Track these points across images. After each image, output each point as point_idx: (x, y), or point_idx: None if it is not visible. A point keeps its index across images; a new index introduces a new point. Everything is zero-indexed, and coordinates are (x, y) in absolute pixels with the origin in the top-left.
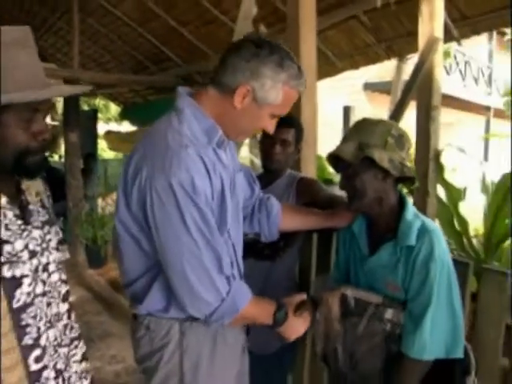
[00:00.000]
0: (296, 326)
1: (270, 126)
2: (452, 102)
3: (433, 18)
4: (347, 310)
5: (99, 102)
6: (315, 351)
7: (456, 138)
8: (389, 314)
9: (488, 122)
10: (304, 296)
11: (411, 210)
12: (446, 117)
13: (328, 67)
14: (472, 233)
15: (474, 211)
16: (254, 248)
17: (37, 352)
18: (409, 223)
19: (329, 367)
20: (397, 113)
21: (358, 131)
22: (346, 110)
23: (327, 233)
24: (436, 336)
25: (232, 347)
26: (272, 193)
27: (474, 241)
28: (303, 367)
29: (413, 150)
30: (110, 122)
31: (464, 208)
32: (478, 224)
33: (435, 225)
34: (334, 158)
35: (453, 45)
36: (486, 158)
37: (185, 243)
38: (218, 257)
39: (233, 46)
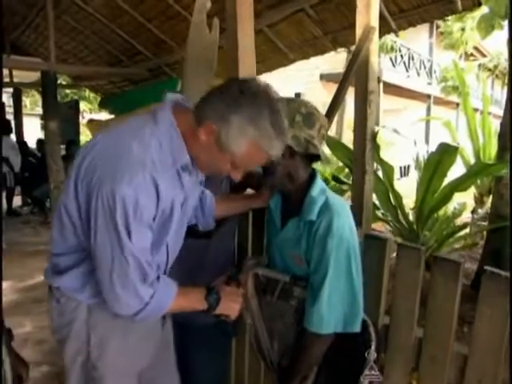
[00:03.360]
0: (231, 304)
1: (234, 174)
2: (398, 90)
3: (369, 9)
4: (261, 288)
5: (88, 93)
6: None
7: (403, 122)
8: (296, 291)
9: (429, 108)
10: (224, 277)
11: (318, 186)
12: (393, 104)
13: (281, 58)
14: (407, 206)
15: (410, 187)
16: (190, 229)
17: None
18: (313, 199)
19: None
20: (336, 98)
21: None
22: (297, 96)
23: (261, 212)
24: (334, 309)
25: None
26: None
27: (410, 213)
28: (245, 332)
29: (352, 132)
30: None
31: (399, 184)
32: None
33: (342, 201)
34: None
35: (398, 39)
36: (427, 139)
37: (115, 253)
38: (143, 269)
39: (223, 85)
